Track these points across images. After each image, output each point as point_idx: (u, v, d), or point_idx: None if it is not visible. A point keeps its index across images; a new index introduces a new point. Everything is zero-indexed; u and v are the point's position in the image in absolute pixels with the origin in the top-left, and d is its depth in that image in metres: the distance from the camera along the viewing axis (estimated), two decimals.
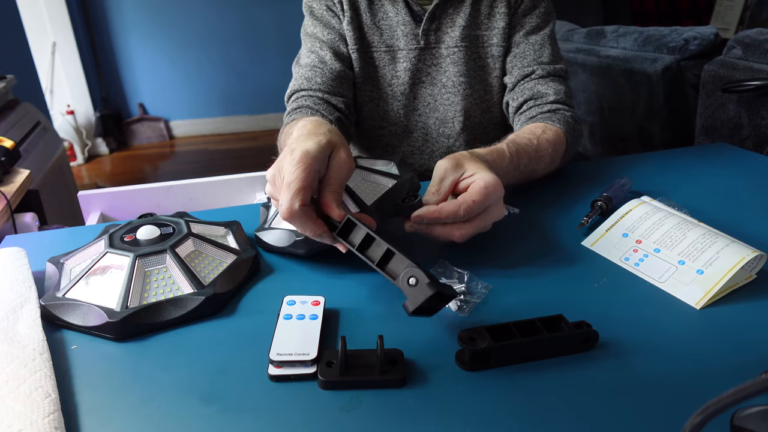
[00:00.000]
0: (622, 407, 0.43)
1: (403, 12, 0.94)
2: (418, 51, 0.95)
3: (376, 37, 0.95)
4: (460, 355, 0.48)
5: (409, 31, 0.94)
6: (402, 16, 0.94)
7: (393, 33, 0.95)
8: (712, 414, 0.26)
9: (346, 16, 0.94)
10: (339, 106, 0.91)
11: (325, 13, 0.95)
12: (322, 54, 0.93)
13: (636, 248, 0.63)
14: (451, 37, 0.95)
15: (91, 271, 0.56)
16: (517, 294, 0.58)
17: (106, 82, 3.78)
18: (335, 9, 0.95)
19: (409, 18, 0.94)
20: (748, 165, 0.90)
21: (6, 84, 1.68)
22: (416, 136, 1.01)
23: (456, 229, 0.59)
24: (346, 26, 0.94)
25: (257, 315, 0.55)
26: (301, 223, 0.53)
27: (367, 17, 0.95)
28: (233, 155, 3.64)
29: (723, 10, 2.81)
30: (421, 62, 0.96)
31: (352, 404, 0.44)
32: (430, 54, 0.96)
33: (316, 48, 0.94)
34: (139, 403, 0.44)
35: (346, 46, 0.95)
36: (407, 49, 0.95)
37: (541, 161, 0.80)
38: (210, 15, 3.71)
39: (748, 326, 0.52)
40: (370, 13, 0.95)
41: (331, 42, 0.94)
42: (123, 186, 1.12)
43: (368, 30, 0.95)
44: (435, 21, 0.94)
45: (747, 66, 1.28)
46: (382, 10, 0.95)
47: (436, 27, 0.95)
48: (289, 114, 0.89)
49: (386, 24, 0.95)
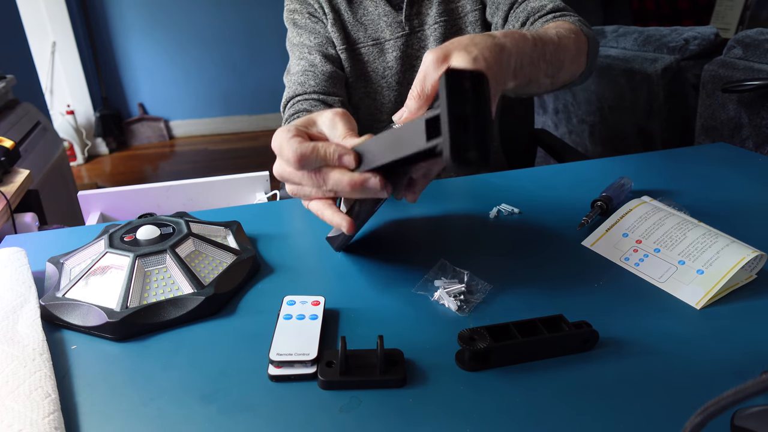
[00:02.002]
0: (622, 407, 0.43)
1: (381, 4, 0.95)
2: (404, 37, 0.96)
3: (361, 33, 0.96)
4: (460, 355, 0.48)
5: (392, 20, 0.95)
6: (382, 8, 0.95)
7: (377, 26, 0.96)
8: (712, 414, 0.26)
9: (329, 19, 0.94)
10: (336, 106, 0.90)
11: (309, 21, 0.96)
12: (312, 58, 0.93)
13: (636, 248, 0.63)
14: (430, 16, 0.95)
15: (91, 271, 0.56)
16: (517, 294, 0.58)
17: (106, 82, 3.78)
18: (317, 14, 0.96)
19: (389, 8, 0.95)
20: (748, 165, 0.90)
21: (6, 84, 1.68)
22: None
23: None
24: (331, 28, 0.94)
25: (257, 315, 0.55)
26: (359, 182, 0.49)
27: (349, 16, 0.96)
28: (233, 155, 3.64)
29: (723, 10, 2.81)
30: (409, 47, 0.97)
31: (352, 404, 0.44)
32: (416, 38, 0.97)
33: (305, 54, 0.94)
34: (139, 403, 0.44)
35: (334, 47, 0.95)
36: (393, 38, 0.96)
37: (566, 51, 0.70)
38: (210, 15, 3.71)
39: (748, 326, 0.52)
40: (350, 11, 0.96)
41: (319, 46, 0.94)
42: (123, 186, 1.12)
43: (352, 28, 0.96)
44: (415, 5, 0.95)
45: (747, 66, 1.28)
46: (362, 6, 0.96)
47: (417, 11, 0.96)
48: (286, 121, 0.88)
49: (368, 19, 0.96)
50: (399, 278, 0.61)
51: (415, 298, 0.57)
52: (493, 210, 0.75)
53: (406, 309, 0.55)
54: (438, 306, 0.56)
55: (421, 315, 0.54)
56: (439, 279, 0.59)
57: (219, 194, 1.17)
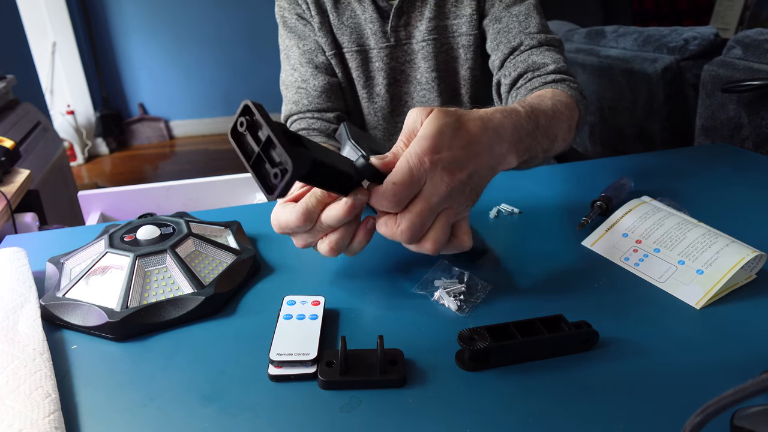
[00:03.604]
0: (622, 407, 0.43)
1: (369, 9, 0.90)
2: (389, 49, 0.92)
3: (345, 37, 0.92)
4: (460, 355, 0.48)
5: (377, 28, 0.91)
6: (369, 14, 0.90)
7: (362, 32, 0.92)
8: (712, 414, 0.26)
9: (315, 21, 0.91)
10: (332, 120, 0.90)
11: (297, 22, 0.93)
12: (303, 71, 0.91)
13: (636, 248, 0.63)
14: (419, 31, 0.91)
15: (91, 271, 0.56)
16: (517, 294, 0.58)
17: (106, 82, 3.78)
18: (305, 16, 0.92)
19: (376, 15, 0.90)
20: (748, 165, 0.90)
21: (6, 84, 1.68)
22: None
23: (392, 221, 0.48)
24: (318, 32, 0.91)
25: (257, 315, 0.55)
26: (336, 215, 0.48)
27: (334, 17, 0.91)
28: (233, 155, 3.63)
29: (723, 10, 2.81)
30: (394, 60, 0.93)
31: (352, 404, 0.44)
32: (401, 51, 0.93)
33: (297, 65, 0.92)
34: (139, 403, 0.44)
35: (323, 53, 0.92)
36: (378, 47, 0.92)
37: (560, 123, 0.66)
38: (210, 15, 3.71)
39: (748, 326, 0.52)
40: (336, 13, 0.91)
41: (308, 54, 0.92)
42: (123, 186, 1.12)
43: (337, 31, 0.92)
44: (403, 16, 0.91)
45: (747, 66, 1.28)
46: (349, 8, 0.91)
47: (405, 22, 0.91)
48: None
49: (354, 23, 0.92)
50: (399, 278, 0.61)
51: (415, 298, 0.57)
52: (493, 210, 0.75)
53: (406, 309, 0.55)
54: (438, 306, 0.56)
55: (421, 315, 0.54)
56: (439, 279, 0.59)
57: (219, 194, 1.17)
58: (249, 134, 0.42)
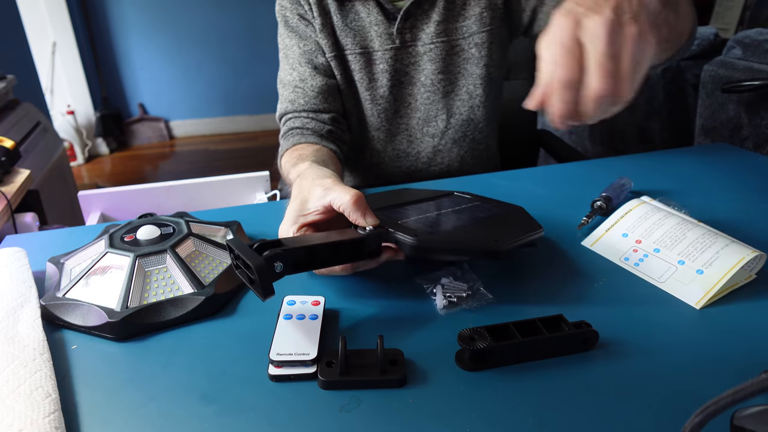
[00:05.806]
0: (622, 407, 0.43)
1: (375, 12, 0.90)
2: (393, 51, 0.92)
3: (349, 39, 0.92)
4: (460, 355, 0.48)
5: (383, 30, 0.91)
6: (374, 16, 0.91)
7: (366, 34, 0.92)
8: (712, 414, 0.26)
9: (317, 23, 0.91)
10: (326, 121, 0.90)
11: (299, 22, 0.93)
12: (302, 71, 0.92)
13: (636, 248, 0.63)
14: (426, 33, 0.91)
15: (92, 271, 0.56)
16: (517, 294, 0.58)
17: (106, 82, 3.78)
18: (307, 16, 0.92)
19: (381, 17, 0.90)
20: (748, 165, 0.90)
21: (6, 84, 1.68)
22: (400, 138, 0.99)
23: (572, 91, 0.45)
24: (320, 34, 0.91)
25: (257, 315, 0.55)
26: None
27: (338, 20, 0.91)
28: (233, 155, 3.64)
29: (723, 10, 2.81)
30: (399, 62, 0.93)
31: (352, 404, 0.44)
32: (406, 53, 0.93)
33: (296, 64, 0.92)
34: (139, 403, 0.44)
35: (323, 55, 0.92)
36: (382, 49, 0.92)
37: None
38: (210, 15, 3.71)
39: (748, 326, 0.52)
40: (340, 15, 0.91)
41: (308, 55, 0.92)
42: (123, 186, 1.12)
43: (341, 33, 0.92)
44: (410, 18, 0.91)
45: (747, 66, 1.28)
46: (353, 11, 0.91)
47: (411, 24, 0.91)
48: (283, 136, 0.90)
49: (358, 25, 0.92)
50: (399, 278, 0.61)
51: (415, 298, 0.57)
52: None
53: (406, 309, 0.55)
54: (438, 306, 0.56)
55: (421, 315, 0.54)
56: (447, 277, 0.59)
57: (219, 194, 1.17)
58: (240, 263, 0.49)
